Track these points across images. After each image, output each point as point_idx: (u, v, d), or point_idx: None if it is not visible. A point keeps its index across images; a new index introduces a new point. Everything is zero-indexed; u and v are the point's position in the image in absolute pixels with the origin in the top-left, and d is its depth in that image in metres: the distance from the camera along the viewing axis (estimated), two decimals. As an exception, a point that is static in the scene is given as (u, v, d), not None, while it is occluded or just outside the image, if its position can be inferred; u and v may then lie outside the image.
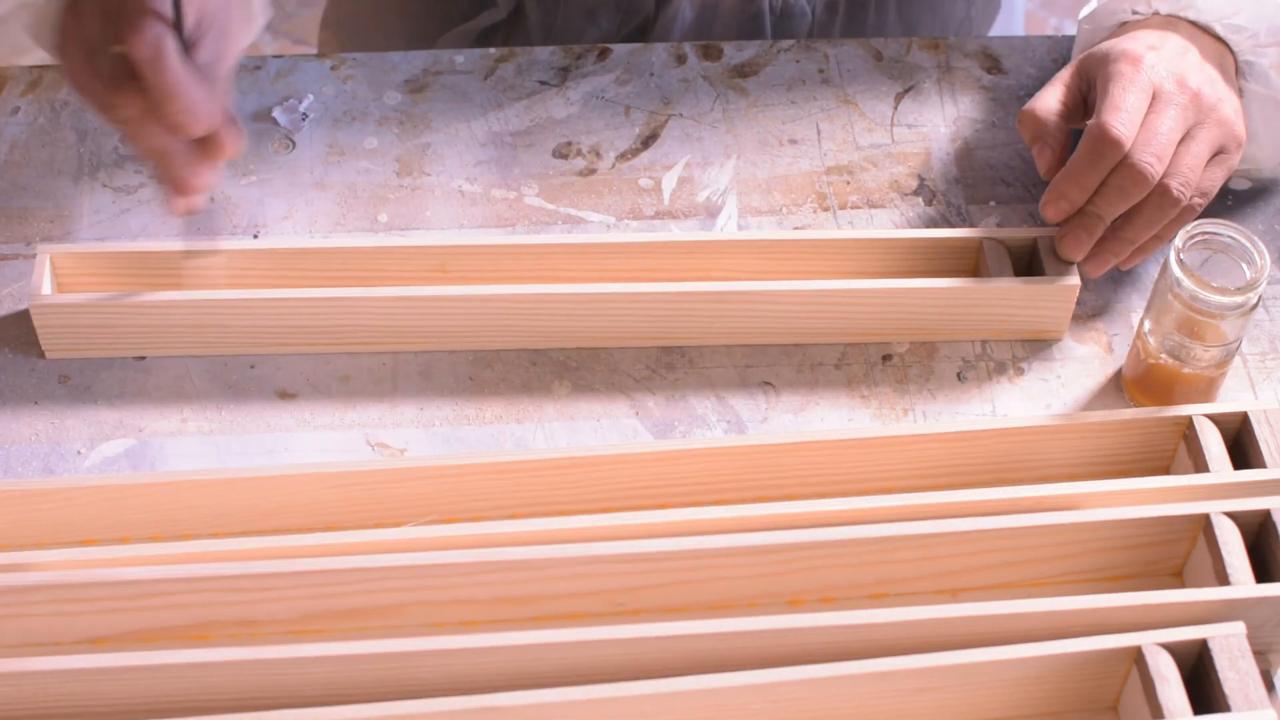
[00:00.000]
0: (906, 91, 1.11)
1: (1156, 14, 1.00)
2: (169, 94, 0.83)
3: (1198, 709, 0.82)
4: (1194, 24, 0.99)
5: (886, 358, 0.99)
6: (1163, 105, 0.95)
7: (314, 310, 0.95)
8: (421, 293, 0.95)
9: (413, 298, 0.95)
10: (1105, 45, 0.98)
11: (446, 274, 0.97)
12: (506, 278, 0.98)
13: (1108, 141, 0.93)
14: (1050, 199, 0.96)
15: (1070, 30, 2.22)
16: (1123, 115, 0.93)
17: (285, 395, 0.97)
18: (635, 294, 0.95)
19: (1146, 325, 0.94)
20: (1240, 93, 0.99)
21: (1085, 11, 1.03)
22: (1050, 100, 0.98)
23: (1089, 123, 0.95)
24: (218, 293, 0.95)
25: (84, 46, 0.85)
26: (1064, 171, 0.95)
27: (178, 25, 0.83)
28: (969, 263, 0.99)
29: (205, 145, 0.87)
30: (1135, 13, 1.01)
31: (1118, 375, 0.99)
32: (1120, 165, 0.94)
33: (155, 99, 0.83)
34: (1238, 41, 0.99)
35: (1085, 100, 0.98)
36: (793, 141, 1.08)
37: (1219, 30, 0.99)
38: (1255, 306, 0.90)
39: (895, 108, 1.10)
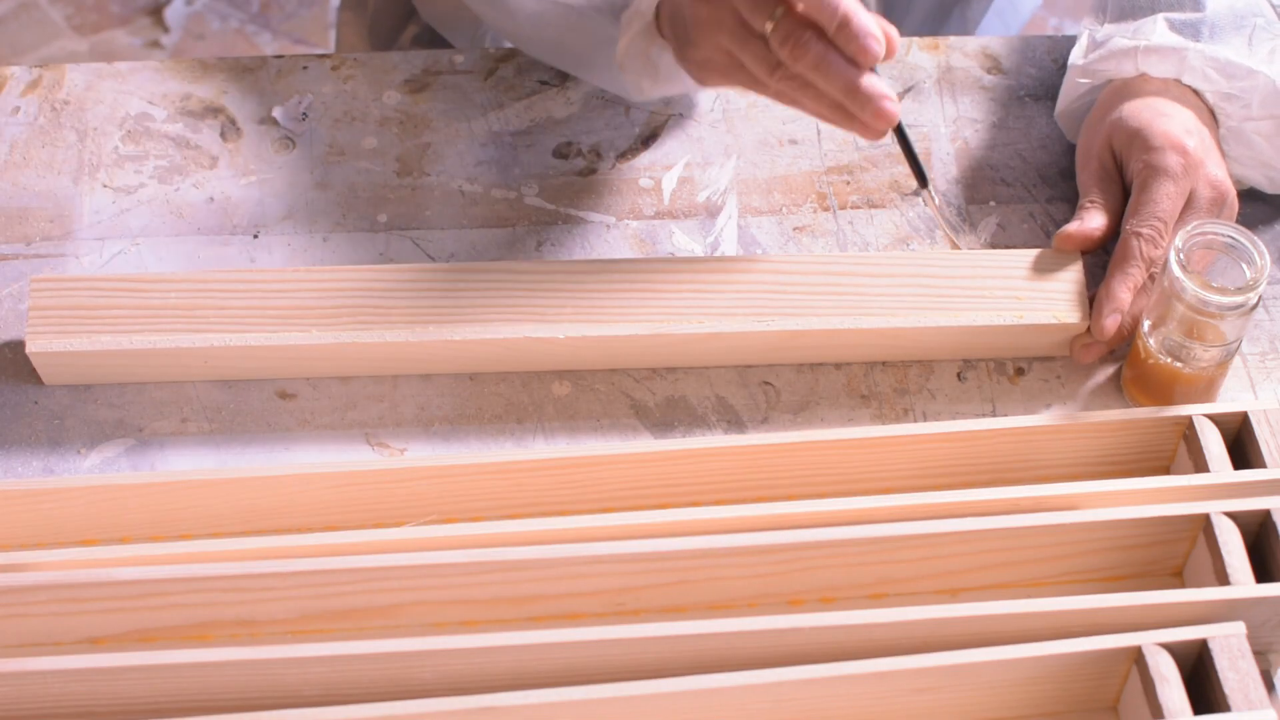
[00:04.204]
0: (906, 91, 1.11)
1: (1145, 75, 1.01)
2: (851, 23, 0.88)
3: (1198, 709, 0.82)
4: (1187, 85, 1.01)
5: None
6: (1195, 209, 0.97)
7: (324, 351, 0.95)
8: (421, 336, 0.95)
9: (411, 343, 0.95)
10: (1139, 121, 0.98)
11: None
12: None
13: (1143, 260, 0.96)
14: (1107, 313, 0.96)
15: (1070, 30, 2.22)
16: (1158, 230, 0.95)
17: (285, 395, 0.97)
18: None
19: (1146, 325, 0.94)
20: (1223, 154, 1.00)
21: (1077, 57, 1.03)
22: (1096, 220, 0.98)
23: (1125, 227, 0.97)
24: (217, 337, 0.94)
25: (728, 27, 0.92)
26: (1106, 289, 0.96)
27: None
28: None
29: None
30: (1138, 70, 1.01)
31: (1118, 375, 0.99)
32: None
33: (842, 35, 0.88)
34: (1229, 111, 0.99)
35: (1120, 169, 1.00)
36: (793, 141, 1.08)
37: (1209, 99, 1.00)
38: (1255, 306, 0.90)
39: (895, 108, 1.10)
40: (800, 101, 0.93)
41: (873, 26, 0.89)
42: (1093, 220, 0.98)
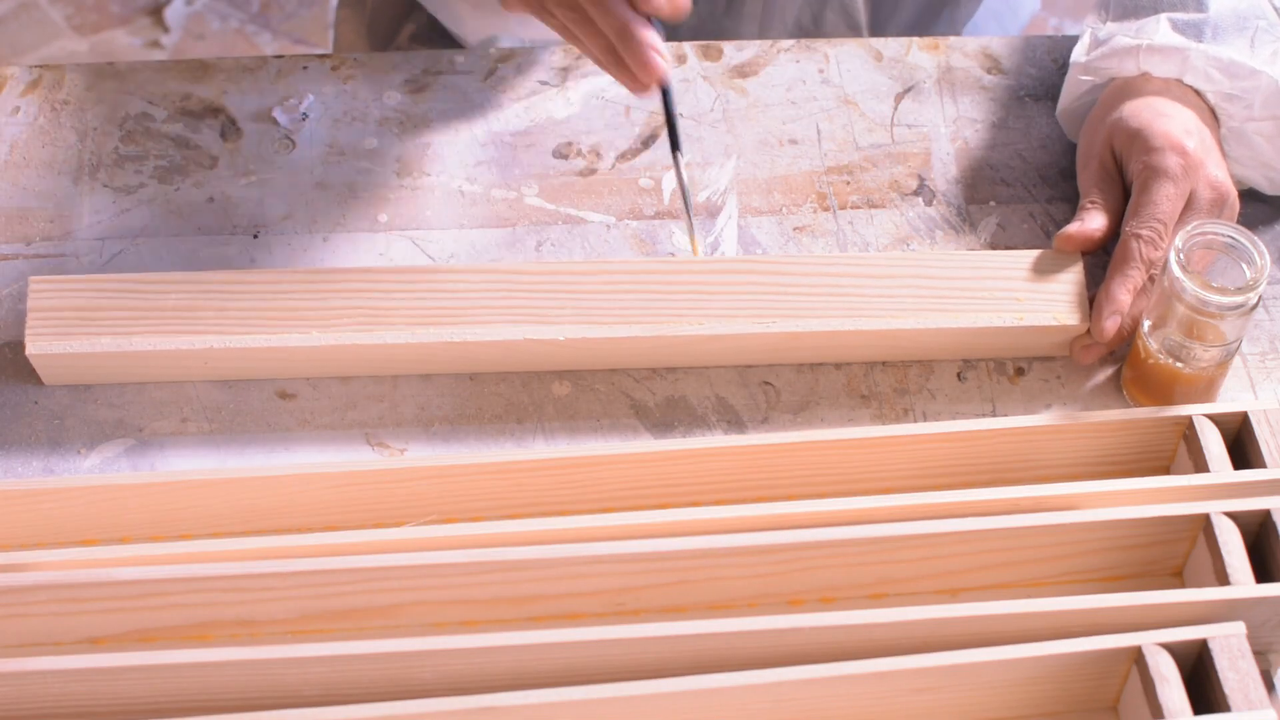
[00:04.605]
0: (906, 91, 1.11)
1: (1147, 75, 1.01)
2: None
3: (1198, 709, 0.82)
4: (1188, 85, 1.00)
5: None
6: (1196, 210, 0.97)
7: (319, 352, 0.95)
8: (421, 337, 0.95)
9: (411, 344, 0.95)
10: (1139, 121, 0.98)
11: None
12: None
13: (1143, 262, 0.96)
14: (1106, 315, 0.95)
15: (1070, 31, 2.22)
16: (1158, 232, 0.95)
17: (285, 395, 0.97)
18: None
19: (1146, 325, 0.94)
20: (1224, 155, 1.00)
21: (1079, 55, 1.03)
22: (1097, 220, 0.98)
23: (1125, 228, 0.96)
24: (217, 339, 0.94)
25: None
26: (1105, 291, 0.96)
27: None
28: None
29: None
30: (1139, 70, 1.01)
31: (1118, 375, 0.99)
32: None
33: None
34: (1231, 112, 0.99)
35: (1120, 169, 1.00)
36: (793, 141, 1.08)
37: (1210, 99, 1.00)
38: (1255, 306, 0.90)
39: (895, 108, 1.10)
40: (579, 39, 0.95)
41: None
42: (1093, 221, 0.98)
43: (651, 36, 0.93)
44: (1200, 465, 0.91)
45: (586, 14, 0.93)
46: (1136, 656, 0.83)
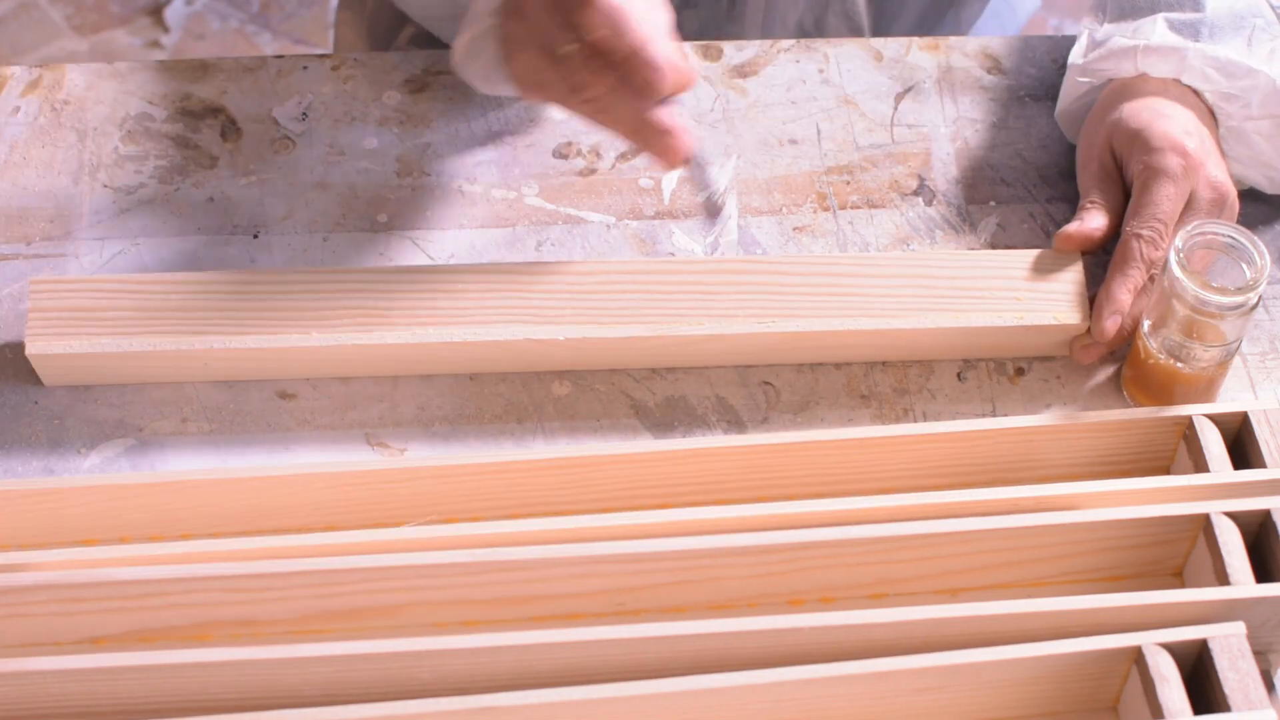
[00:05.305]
0: (906, 91, 1.11)
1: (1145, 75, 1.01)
2: (638, 55, 0.89)
3: (1198, 709, 0.82)
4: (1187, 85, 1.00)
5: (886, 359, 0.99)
6: (1196, 210, 0.97)
7: (317, 351, 0.95)
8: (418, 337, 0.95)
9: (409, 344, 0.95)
10: (1139, 122, 0.98)
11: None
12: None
13: (1143, 262, 0.96)
14: (1106, 315, 0.95)
15: (1070, 31, 2.22)
16: (1158, 232, 0.95)
17: (285, 395, 0.97)
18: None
19: (1146, 325, 0.94)
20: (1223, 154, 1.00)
21: (1076, 56, 1.03)
22: (1097, 220, 0.98)
23: (1125, 229, 0.96)
24: (217, 340, 0.94)
25: (537, 43, 0.92)
26: (1105, 291, 0.96)
27: None
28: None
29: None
30: (1137, 70, 1.01)
31: (1118, 375, 0.99)
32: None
33: (625, 69, 0.89)
34: (1229, 111, 0.99)
35: (1120, 170, 1.00)
36: (793, 141, 1.08)
37: (1209, 98, 1.00)
38: (1255, 306, 0.90)
39: (895, 108, 1.10)
40: (603, 124, 0.94)
41: (660, 60, 0.90)
42: (1093, 221, 0.98)
43: (669, 118, 0.92)
44: (1200, 465, 0.91)
45: (605, 104, 0.92)
46: (1136, 656, 0.83)
